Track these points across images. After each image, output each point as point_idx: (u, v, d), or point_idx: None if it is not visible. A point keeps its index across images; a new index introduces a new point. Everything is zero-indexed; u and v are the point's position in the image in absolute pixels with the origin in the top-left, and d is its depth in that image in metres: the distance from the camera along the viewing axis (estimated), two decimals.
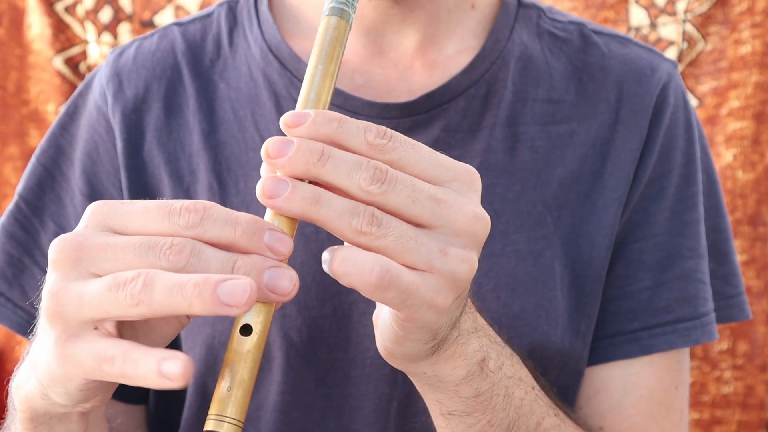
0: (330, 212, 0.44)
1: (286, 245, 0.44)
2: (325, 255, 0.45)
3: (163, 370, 0.42)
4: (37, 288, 0.77)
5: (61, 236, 0.46)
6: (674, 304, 0.77)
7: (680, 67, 1.31)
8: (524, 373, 0.64)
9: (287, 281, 0.44)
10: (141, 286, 0.42)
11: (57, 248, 0.45)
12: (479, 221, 0.47)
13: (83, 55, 1.38)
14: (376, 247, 0.45)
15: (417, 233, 0.45)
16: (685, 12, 1.31)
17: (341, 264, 0.44)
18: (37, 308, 0.48)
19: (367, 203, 0.45)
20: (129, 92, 0.78)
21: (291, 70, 0.76)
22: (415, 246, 0.45)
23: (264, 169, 0.47)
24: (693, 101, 1.32)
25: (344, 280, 0.44)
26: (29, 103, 1.39)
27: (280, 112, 0.76)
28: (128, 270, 0.43)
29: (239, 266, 0.43)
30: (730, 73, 1.30)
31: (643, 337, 0.76)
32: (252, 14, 0.80)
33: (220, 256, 0.43)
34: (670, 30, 1.31)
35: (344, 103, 0.75)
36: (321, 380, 0.74)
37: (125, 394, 0.79)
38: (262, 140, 0.75)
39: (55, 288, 0.45)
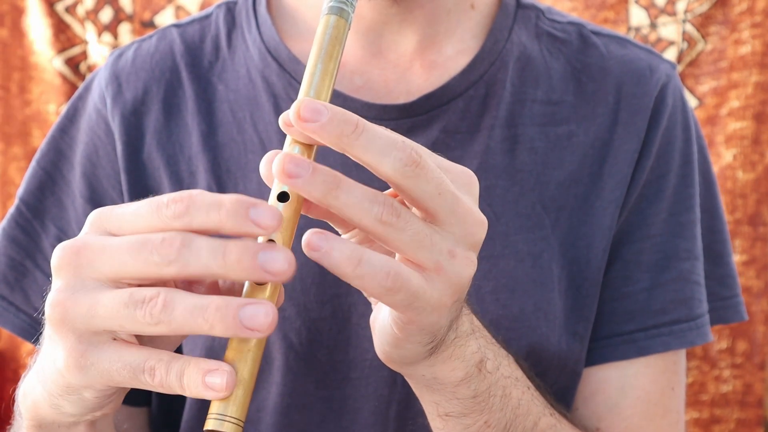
0: (350, 198, 0.43)
1: (272, 217, 0.42)
2: (316, 240, 0.43)
3: (208, 381, 0.43)
4: (40, 292, 0.78)
5: (62, 243, 0.46)
6: (670, 305, 0.77)
7: (680, 67, 1.31)
8: (520, 373, 0.64)
9: (282, 260, 0.42)
10: (161, 306, 0.42)
11: (58, 255, 0.46)
12: (483, 225, 0.48)
13: (84, 55, 1.38)
14: (393, 240, 0.44)
15: (431, 231, 0.45)
16: (685, 12, 1.31)
17: (357, 266, 0.43)
18: (42, 314, 0.48)
19: (396, 186, 0.44)
20: (128, 95, 0.78)
21: (289, 72, 0.76)
22: (429, 244, 0.45)
23: (263, 165, 0.46)
24: (693, 101, 1.32)
25: (356, 282, 0.43)
26: (31, 104, 1.39)
27: (279, 113, 0.75)
28: (124, 270, 0.44)
29: (230, 251, 0.42)
30: (730, 73, 1.30)
31: (640, 339, 0.76)
32: (250, 15, 0.80)
33: (210, 244, 0.43)
34: (670, 30, 1.31)
35: (343, 104, 0.75)
36: (320, 382, 0.74)
37: (129, 397, 0.78)
38: (261, 142, 0.76)
39: (61, 297, 0.45)
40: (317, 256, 0.43)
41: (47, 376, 0.49)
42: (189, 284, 0.50)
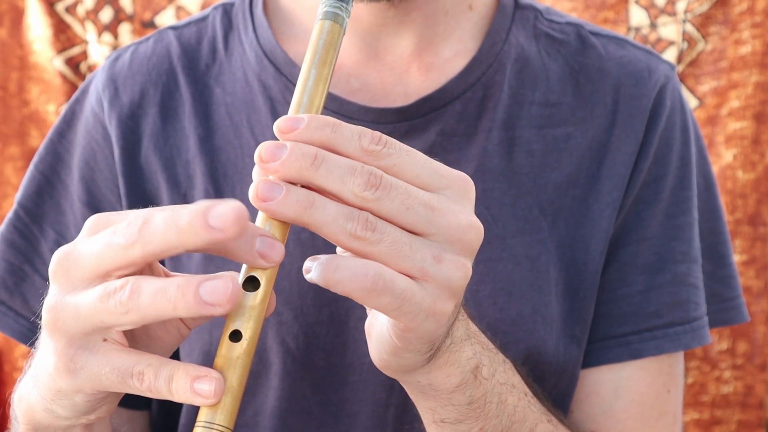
0: (324, 216, 0.44)
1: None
2: (309, 264, 0.45)
3: (196, 387, 0.43)
4: (38, 296, 0.78)
5: (59, 248, 0.46)
6: (665, 308, 0.77)
7: (680, 67, 1.30)
8: (517, 379, 0.64)
9: (231, 215, 0.41)
10: (129, 293, 0.43)
11: (53, 260, 0.46)
12: (473, 230, 0.47)
13: (84, 55, 1.38)
14: (370, 253, 0.44)
15: (411, 239, 0.45)
16: (685, 12, 1.30)
17: (335, 272, 0.43)
18: (40, 318, 0.48)
19: (361, 209, 0.45)
20: (125, 98, 0.78)
21: (286, 75, 0.76)
22: (409, 252, 0.45)
23: (256, 173, 0.47)
24: (693, 101, 1.31)
25: (338, 288, 0.44)
26: (30, 104, 1.39)
27: (276, 117, 0.75)
28: (103, 264, 0.44)
29: (181, 217, 0.42)
30: (730, 73, 1.30)
31: (634, 342, 0.76)
32: (247, 18, 0.80)
33: (166, 217, 0.42)
34: (670, 30, 1.31)
35: (340, 108, 0.74)
36: (318, 386, 0.74)
37: (130, 401, 0.78)
38: (258, 145, 0.75)
39: (53, 301, 0.45)
40: (308, 278, 0.45)
41: (40, 381, 0.49)
42: None
